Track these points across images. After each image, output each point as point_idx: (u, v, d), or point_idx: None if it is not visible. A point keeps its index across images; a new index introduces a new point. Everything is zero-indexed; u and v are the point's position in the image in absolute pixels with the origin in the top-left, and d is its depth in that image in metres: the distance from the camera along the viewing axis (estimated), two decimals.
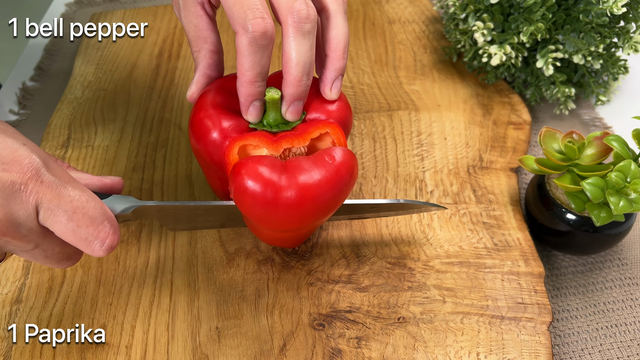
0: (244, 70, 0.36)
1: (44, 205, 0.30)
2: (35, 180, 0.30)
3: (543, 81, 0.59)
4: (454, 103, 0.60)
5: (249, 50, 0.35)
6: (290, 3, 0.35)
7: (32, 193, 0.30)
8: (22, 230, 0.30)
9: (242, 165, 0.36)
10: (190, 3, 0.39)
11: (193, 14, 0.39)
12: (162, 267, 0.46)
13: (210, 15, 0.40)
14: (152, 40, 0.69)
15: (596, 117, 0.61)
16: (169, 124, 0.58)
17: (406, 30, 0.70)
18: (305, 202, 0.35)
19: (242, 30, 0.34)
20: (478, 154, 0.55)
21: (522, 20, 0.56)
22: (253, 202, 0.35)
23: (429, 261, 0.46)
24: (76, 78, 0.64)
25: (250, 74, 0.36)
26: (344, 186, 0.37)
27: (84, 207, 0.31)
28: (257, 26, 0.34)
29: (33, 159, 0.30)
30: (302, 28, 0.35)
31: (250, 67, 0.35)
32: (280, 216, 0.36)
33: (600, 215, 0.42)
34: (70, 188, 0.31)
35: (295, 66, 0.36)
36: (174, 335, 0.42)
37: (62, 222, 0.30)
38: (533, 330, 0.42)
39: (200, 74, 0.40)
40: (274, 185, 0.35)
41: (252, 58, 0.35)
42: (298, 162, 0.36)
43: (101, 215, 0.32)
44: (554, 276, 0.48)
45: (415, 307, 0.43)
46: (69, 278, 0.45)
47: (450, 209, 0.50)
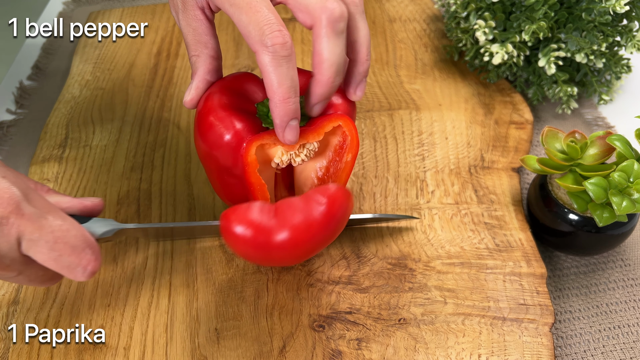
0: (275, 89, 0.34)
1: (26, 237, 0.31)
2: (16, 214, 0.30)
3: (545, 80, 0.59)
4: (455, 102, 0.60)
5: (273, 65, 0.34)
6: (323, 2, 0.35)
7: (14, 226, 0.30)
8: (5, 260, 0.31)
9: (232, 211, 0.35)
10: (190, 6, 0.39)
11: (192, 18, 0.39)
12: (161, 268, 0.46)
13: (210, 19, 0.39)
14: (151, 38, 0.68)
15: (599, 116, 0.61)
16: (168, 123, 0.58)
17: (407, 28, 0.70)
18: (298, 244, 0.35)
19: (261, 47, 0.34)
20: (479, 154, 0.54)
21: (524, 18, 0.56)
22: (245, 247, 0.35)
23: (430, 262, 0.46)
24: (74, 77, 0.64)
25: (281, 90, 0.34)
26: (337, 225, 0.36)
27: (65, 236, 0.32)
28: (276, 39, 0.34)
29: (13, 192, 0.30)
30: (336, 28, 0.35)
31: (280, 83, 0.34)
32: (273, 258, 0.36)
33: (602, 216, 0.42)
34: (51, 218, 0.32)
35: (329, 67, 0.36)
36: (173, 337, 0.42)
37: (44, 252, 0.31)
38: (535, 331, 0.42)
39: (200, 80, 0.40)
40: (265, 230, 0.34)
41: (279, 72, 0.34)
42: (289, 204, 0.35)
43: (82, 243, 0.33)
44: (556, 277, 0.48)
45: (416, 308, 0.43)
46: (66, 279, 0.45)
47: (452, 209, 0.50)
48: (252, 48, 0.35)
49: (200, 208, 0.50)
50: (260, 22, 0.34)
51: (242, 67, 0.64)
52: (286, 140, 0.37)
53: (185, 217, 0.49)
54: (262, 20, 0.34)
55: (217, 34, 0.40)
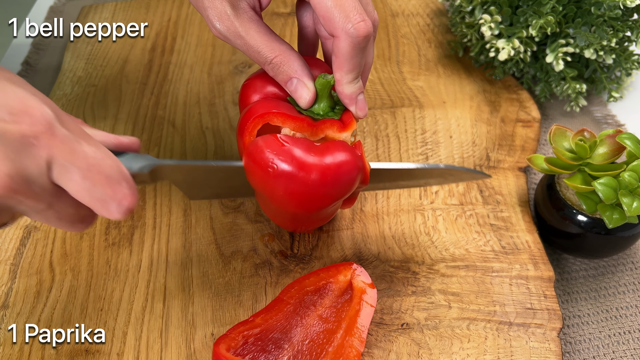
0: (344, 73, 0.38)
1: (57, 161, 0.28)
2: (48, 134, 0.28)
3: (553, 77, 0.59)
4: (460, 100, 0.60)
5: (352, 54, 0.36)
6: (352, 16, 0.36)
7: (45, 148, 0.28)
8: (34, 187, 0.28)
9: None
10: (242, 9, 0.38)
11: (249, 20, 0.38)
12: (155, 271, 0.46)
13: (261, 16, 0.39)
14: (145, 34, 0.68)
15: (608, 114, 0.61)
16: (162, 121, 0.58)
17: (410, 23, 0.70)
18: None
19: (344, 34, 0.36)
20: (485, 153, 0.55)
21: (531, 13, 0.56)
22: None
23: (434, 265, 0.46)
24: (65, 74, 0.64)
25: (350, 76, 0.38)
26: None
27: (100, 164, 0.30)
28: (361, 30, 0.35)
29: (45, 111, 0.28)
30: (365, 43, 0.37)
31: (351, 70, 0.37)
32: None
33: (612, 217, 0.42)
34: (84, 144, 0.30)
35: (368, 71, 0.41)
36: (168, 342, 0.42)
37: (76, 180, 0.29)
38: (542, 337, 0.42)
39: (307, 75, 0.39)
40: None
41: (354, 61, 0.37)
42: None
43: (118, 174, 0.30)
44: (565, 280, 0.48)
45: (420, 313, 0.43)
46: (57, 282, 0.45)
47: (456, 210, 0.50)
48: (332, 32, 0.36)
49: (196, 209, 0.50)
50: (347, 7, 0.35)
51: (239, 64, 0.64)
52: (359, 114, 0.40)
53: (181, 217, 0.49)
54: (348, 6, 0.35)
55: None
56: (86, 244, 0.48)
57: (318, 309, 0.41)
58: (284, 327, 0.40)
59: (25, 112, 0.28)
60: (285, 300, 0.41)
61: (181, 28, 0.69)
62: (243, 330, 0.40)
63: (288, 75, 0.39)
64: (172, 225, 0.49)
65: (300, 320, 0.41)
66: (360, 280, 0.41)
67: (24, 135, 0.27)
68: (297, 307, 0.41)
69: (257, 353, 0.39)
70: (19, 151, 0.27)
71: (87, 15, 0.72)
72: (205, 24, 0.69)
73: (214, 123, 0.58)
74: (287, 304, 0.41)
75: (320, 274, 0.42)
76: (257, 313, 0.41)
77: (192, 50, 0.66)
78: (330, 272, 0.42)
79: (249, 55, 0.39)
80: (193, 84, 0.62)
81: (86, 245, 0.48)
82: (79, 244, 0.48)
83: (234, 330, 0.40)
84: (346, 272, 0.42)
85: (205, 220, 0.49)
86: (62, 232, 0.48)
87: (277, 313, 0.41)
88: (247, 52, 0.38)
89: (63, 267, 0.46)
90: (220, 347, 0.38)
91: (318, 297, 0.42)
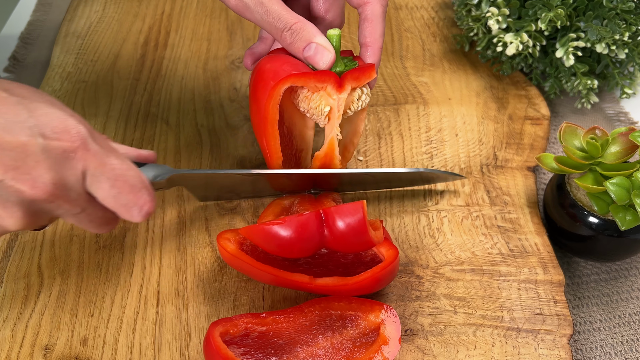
0: (377, 37, 0.45)
1: (90, 171, 0.35)
2: (83, 149, 0.34)
3: (563, 72, 0.59)
4: (466, 96, 0.60)
5: (382, 17, 0.45)
6: None
7: (81, 160, 0.34)
8: (71, 194, 0.35)
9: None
10: None
11: None
12: (148, 275, 0.46)
13: None
14: (137, 27, 0.69)
15: (621, 111, 0.61)
16: (156, 118, 0.58)
17: (414, 16, 0.70)
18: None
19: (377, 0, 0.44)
20: (492, 152, 0.55)
21: (541, 6, 0.56)
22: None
23: (439, 268, 0.46)
24: (54, 69, 0.64)
25: (382, 40, 0.46)
26: None
27: (125, 175, 0.36)
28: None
29: (80, 129, 0.35)
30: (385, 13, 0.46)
31: (382, 34, 0.45)
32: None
33: (625, 219, 0.42)
34: (112, 157, 0.36)
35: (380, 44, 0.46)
36: (161, 349, 0.42)
37: (105, 188, 0.35)
38: (552, 343, 0.42)
39: (326, 40, 0.43)
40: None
41: (383, 25, 0.45)
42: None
43: (140, 183, 0.37)
44: (575, 285, 0.48)
45: (424, 319, 0.43)
46: (46, 287, 0.45)
47: (462, 211, 0.50)
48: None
49: (191, 210, 0.50)
50: None
51: (236, 58, 0.64)
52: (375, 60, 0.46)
53: (175, 218, 0.49)
54: None
55: None
56: (76, 247, 0.48)
57: (335, 337, 0.40)
58: (292, 338, 0.40)
59: (65, 131, 0.34)
60: (305, 312, 0.41)
61: (175, 21, 0.69)
62: (249, 322, 0.40)
63: (307, 40, 0.42)
64: (165, 227, 0.49)
65: (312, 339, 0.40)
66: (390, 331, 0.40)
67: (64, 150, 0.34)
68: (314, 324, 0.41)
69: (254, 351, 0.39)
70: (61, 163, 0.34)
71: (77, 8, 0.72)
72: (200, 17, 0.69)
73: (209, 120, 0.58)
74: (305, 316, 0.41)
75: (353, 302, 0.41)
76: (271, 312, 0.41)
77: (186, 44, 0.66)
78: (363, 306, 0.41)
79: (266, 24, 0.42)
80: (187, 80, 0.62)
81: (76, 248, 0.48)
82: (68, 247, 0.48)
83: (239, 318, 0.40)
84: (378, 312, 0.41)
85: (201, 221, 0.49)
86: (50, 235, 0.48)
87: (291, 321, 0.41)
88: (264, 20, 0.42)
89: (52, 271, 0.46)
90: (216, 329, 0.38)
91: (341, 324, 0.41)
